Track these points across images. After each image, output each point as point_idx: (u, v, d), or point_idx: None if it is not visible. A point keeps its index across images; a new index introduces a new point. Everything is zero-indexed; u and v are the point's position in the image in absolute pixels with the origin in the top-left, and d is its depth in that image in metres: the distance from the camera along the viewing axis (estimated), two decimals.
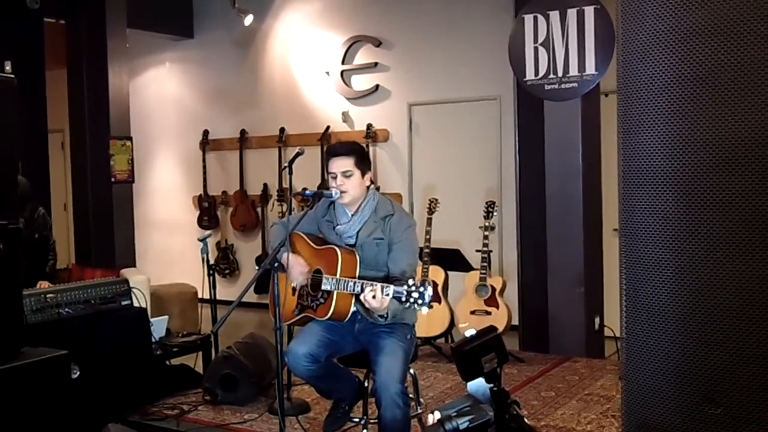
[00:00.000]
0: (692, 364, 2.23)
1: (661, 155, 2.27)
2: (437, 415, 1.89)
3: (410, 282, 3.31)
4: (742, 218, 2.14)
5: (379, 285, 3.38)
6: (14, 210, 3.69)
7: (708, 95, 2.16)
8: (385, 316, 3.50)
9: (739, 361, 2.17)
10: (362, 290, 3.44)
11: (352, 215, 3.83)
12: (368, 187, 3.85)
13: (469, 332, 1.89)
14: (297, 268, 3.80)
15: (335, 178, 3.76)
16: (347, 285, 3.56)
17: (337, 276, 3.63)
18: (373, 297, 3.36)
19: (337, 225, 3.85)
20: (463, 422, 1.82)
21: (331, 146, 3.99)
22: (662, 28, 2.23)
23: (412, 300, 3.28)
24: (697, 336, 2.22)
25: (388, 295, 3.34)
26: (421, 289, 3.27)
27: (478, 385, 1.94)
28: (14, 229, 3.32)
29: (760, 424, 2.15)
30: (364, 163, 3.82)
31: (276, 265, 3.54)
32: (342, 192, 3.74)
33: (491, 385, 1.88)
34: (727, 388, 2.18)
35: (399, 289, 3.32)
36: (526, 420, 1.92)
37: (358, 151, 3.85)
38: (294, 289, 3.90)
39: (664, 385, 2.30)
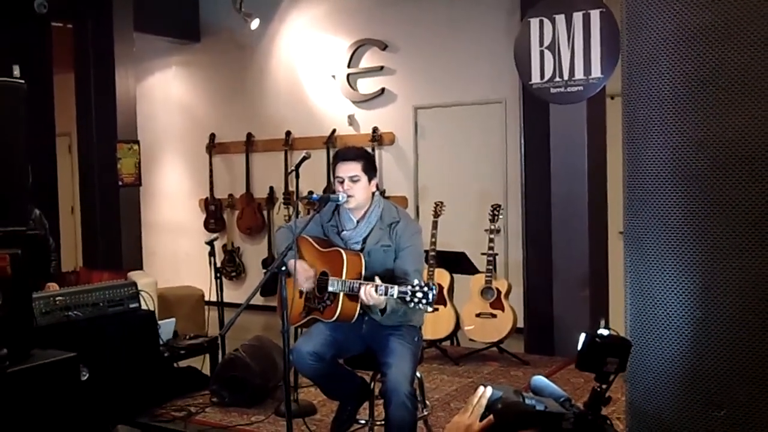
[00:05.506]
0: (696, 366, 2.24)
1: (667, 158, 2.28)
2: (489, 390, 1.90)
3: (415, 282, 3.36)
4: (748, 221, 2.14)
5: (384, 285, 3.43)
6: (25, 214, 3.72)
7: (714, 98, 2.17)
8: (383, 310, 3.54)
9: (743, 362, 2.18)
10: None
11: (358, 221, 3.86)
12: (374, 194, 3.89)
13: (604, 330, 1.90)
14: (303, 274, 3.83)
15: (342, 182, 3.79)
16: (353, 286, 3.60)
17: (343, 278, 3.66)
18: (365, 294, 3.45)
19: (343, 230, 3.88)
20: (539, 404, 1.84)
21: (340, 151, 4.01)
22: (667, 33, 2.24)
23: (416, 299, 3.32)
24: (701, 338, 2.23)
25: (392, 295, 3.38)
26: (425, 289, 3.31)
27: (546, 383, 1.96)
28: (32, 236, 3.36)
29: (764, 425, 2.17)
30: (371, 169, 3.85)
31: (283, 269, 3.57)
32: (348, 196, 3.77)
33: (598, 384, 1.89)
34: (732, 391, 2.19)
35: (403, 288, 3.36)
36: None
37: (366, 156, 3.90)
38: (301, 291, 3.93)
39: (668, 388, 2.31)
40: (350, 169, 3.79)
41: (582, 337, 1.88)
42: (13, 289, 3.29)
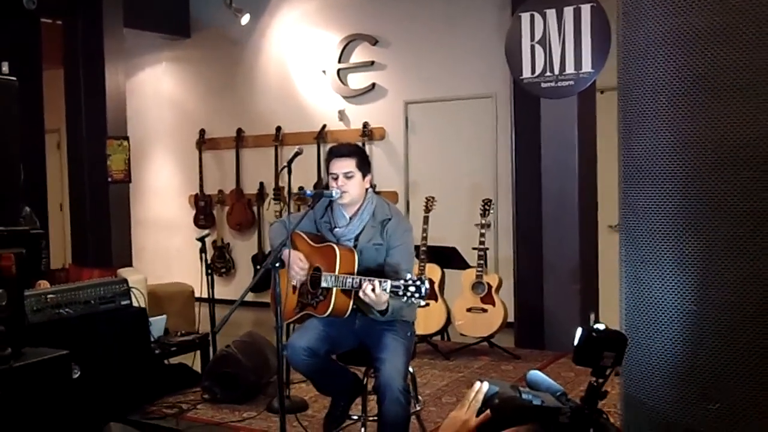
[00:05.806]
0: (690, 359, 2.26)
1: (662, 154, 2.29)
2: (486, 385, 1.90)
3: (407, 276, 3.36)
4: (741, 217, 2.16)
5: (377, 280, 3.43)
6: (17, 213, 3.70)
7: (708, 96, 2.19)
8: (384, 311, 3.53)
9: (737, 356, 2.19)
10: (360, 286, 3.48)
11: (351, 218, 3.86)
12: (367, 190, 3.89)
13: (600, 325, 1.91)
14: (297, 264, 3.83)
15: (336, 178, 3.78)
16: (346, 281, 3.60)
17: (336, 273, 3.67)
18: (372, 291, 3.41)
19: (336, 227, 3.88)
20: (536, 398, 1.84)
21: (333, 147, 4.00)
22: (663, 30, 2.26)
23: (409, 294, 3.32)
24: (696, 332, 2.25)
25: (385, 289, 3.38)
26: (418, 282, 3.32)
27: (542, 378, 1.97)
28: (36, 235, 3.35)
29: (757, 419, 2.18)
30: (365, 165, 3.85)
31: (277, 265, 3.56)
32: (343, 192, 3.76)
33: (594, 378, 1.89)
34: (726, 384, 2.21)
35: (396, 283, 3.37)
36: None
37: (360, 153, 3.90)
38: (294, 287, 3.93)
39: (663, 380, 2.32)
40: (344, 165, 3.79)
41: (578, 331, 1.88)
42: (17, 288, 3.27)
